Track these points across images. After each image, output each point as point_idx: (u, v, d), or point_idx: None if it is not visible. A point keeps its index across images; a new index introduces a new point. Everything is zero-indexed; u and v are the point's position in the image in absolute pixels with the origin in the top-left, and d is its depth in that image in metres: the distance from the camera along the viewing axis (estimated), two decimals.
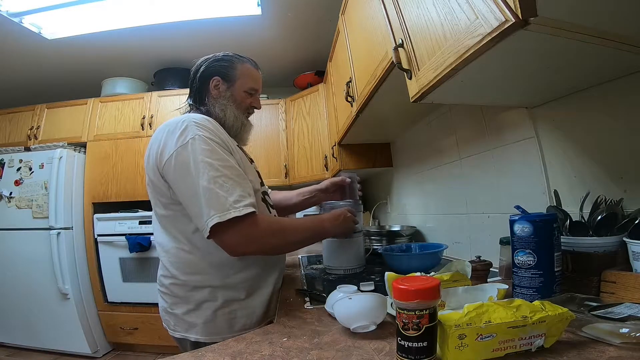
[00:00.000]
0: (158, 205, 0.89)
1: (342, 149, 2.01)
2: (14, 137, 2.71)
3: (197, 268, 0.86)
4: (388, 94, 1.15)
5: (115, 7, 1.98)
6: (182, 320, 0.85)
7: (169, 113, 2.63)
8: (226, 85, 0.97)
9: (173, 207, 0.86)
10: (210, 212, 0.73)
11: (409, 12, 0.77)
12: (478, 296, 0.61)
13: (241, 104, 0.99)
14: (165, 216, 0.88)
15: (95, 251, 2.52)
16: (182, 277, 0.86)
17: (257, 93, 1.03)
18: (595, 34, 0.51)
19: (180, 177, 0.79)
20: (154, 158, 0.84)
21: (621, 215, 0.66)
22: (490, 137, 1.08)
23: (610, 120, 0.72)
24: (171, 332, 0.88)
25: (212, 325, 0.84)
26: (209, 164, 0.77)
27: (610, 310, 0.52)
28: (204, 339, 0.82)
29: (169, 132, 0.82)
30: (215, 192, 0.74)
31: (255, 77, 1.02)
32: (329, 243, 1.14)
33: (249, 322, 0.87)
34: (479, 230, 1.18)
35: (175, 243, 0.87)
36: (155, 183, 0.86)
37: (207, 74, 0.96)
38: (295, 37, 2.43)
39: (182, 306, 0.86)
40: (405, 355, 0.43)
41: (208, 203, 0.74)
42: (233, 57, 0.99)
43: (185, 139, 0.78)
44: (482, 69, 0.63)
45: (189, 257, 0.86)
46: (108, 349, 2.53)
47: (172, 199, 0.84)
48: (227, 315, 0.85)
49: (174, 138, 0.80)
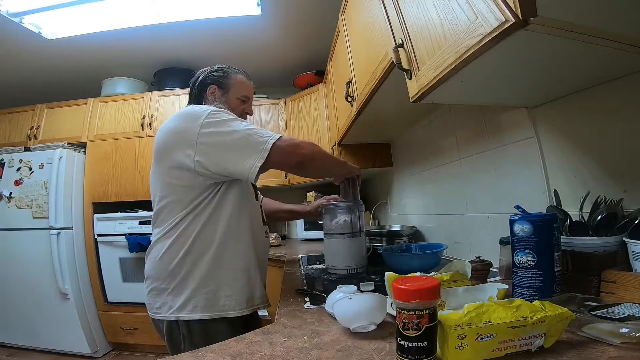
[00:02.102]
0: (157, 195, 0.96)
1: (342, 149, 2.01)
2: (14, 137, 2.71)
3: (177, 254, 0.91)
4: (388, 94, 1.15)
5: (115, 7, 1.98)
6: (163, 301, 0.92)
7: (169, 113, 2.63)
8: (221, 92, 1.08)
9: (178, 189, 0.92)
10: (263, 138, 0.87)
11: (409, 12, 0.77)
12: (478, 296, 0.61)
13: (235, 109, 1.08)
14: (163, 207, 0.95)
15: (95, 251, 2.52)
16: (166, 259, 0.92)
17: (249, 100, 1.14)
18: (595, 34, 0.51)
19: (220, 135, 0.88)
20: (179, 139, 0.90)
21: (621, 215, 0.66)
22: (490, 137, 1.08)
23: (610, 120, 0.72)
24: (152, 314, 0.94)
25: (190, 304, 0.89)
26: (236, 119, 0.92)
27: (610, 310, 0.52)
28: (184, 316, 0.89)
29: (189, 115, 0.92)
30: (256, 129, 0.89)
31: (247, 86, 1.13)
32: (331, 243, 1.15)
33: (229, 304, 0.91)
34: (479, 230, 1.18)
35: (162, 230, 0.94)
36: (176, 165, 0.91)
37: (204, 82, 1.08)
38: (295, 37, 2.43)
39: (163, 288, 0.92)
40: (405, 355, 0.43)
41: (259, 135, 0.87)
42: (227, 68, 1.12)
43: (207, 111, 0.90)
44: (482, 69, 0.63)
45: (171, 244, 0.92)
46: (108, 349, 2.53)
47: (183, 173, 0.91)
48: (207, 295, 0.90)
49: (196, 114, 0.90)
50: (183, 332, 0.90)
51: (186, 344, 0.89)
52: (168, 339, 0.93)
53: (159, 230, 0.96)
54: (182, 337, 0.90)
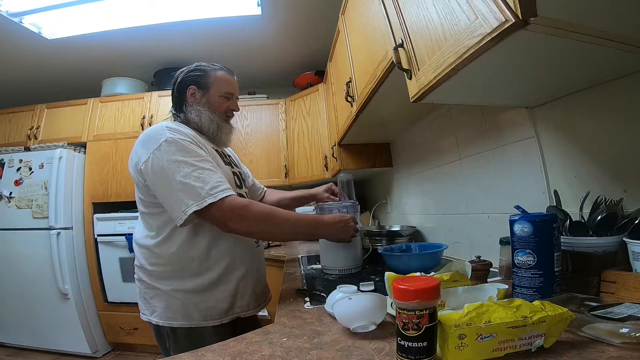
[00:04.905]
0: (139, 202, 0.97)
1: (342, 149, 2.01)
2: (14, 137, 2.71)
3: (161, 259, 0.92)
4: (388, 94, 1.15)
5: (115, 7, 1.98)
6: (148, 304, 0.94)
7: (169, 113, 2.62)
8: (201, 92, 1.04)
9: (150, 206, 0.93)
10: (189, 202, 0.81)
11: (409, 12, 0.77)
12: (478, 296, 0.61)
13: (218, 108, 1.05)
14: (144, 213, 0.96)
15: (95, 251, 2.52)
16: (148, 266, 0.93)
17: (233, 97, 1.08)
18: (595, 34, 0.51)
19: (158, 177, 0.86)
20: (134, 163, 0.92)
21: (621, 215, 0.66)
22: (490, 137, 1.08)
23: (610, 121, 0.72)
24: (141, 315, 0.97)
25: (170, 311, 0.91)
26: (183, 162, 0.85)
27: (610, 310, 0.52)
28: (162, 323, 0.91)
29: (145, 139, 0.91)
30: (191, 185, 0.82)
31: (230, 82, 1.08)
32: (324, 243, 1.14)
33: (209, 314, 0.91)
34: (479, 230, 1.18)
35: (145, 235, 0.95)
36: (137, 184, 0.94)
37: (183, 84, 1.05)
38: (295, 37, 2.43)
39: (148, 292, 0.94)
40: (405, 355, 0.43)
41: (186, 195, 0.81)
42: (206, 66, 1.06)
43: (159, 142, 0.87)
44: (482, 69, 0.63)
45: (155, 249, 0.93)
46: (108, 349, 2.53)
47: (150, 197, 0.91)
48: (185, 304, 0.90)
49: (150, 143, 0.88)
50: (167, 333, 0.91)
51: (171, 343, 0.91)
52: (156, 337, 0.96)
53: (144, 235, 0.95)
54: (167, 337, 0.92)
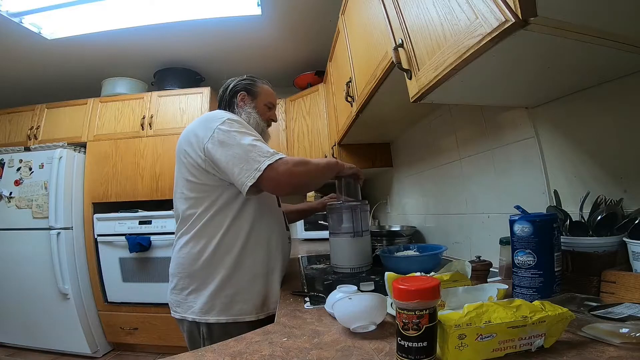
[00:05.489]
0: (185, 190, 0.99)
1: (342, 149, 2.01)
2: (14, 137, 2.71)
3: (199, 255, 0.95)
4: (388, 94, 1.15)
5: (115, 7, 1.98)
6: (185, 300, 0.95)
7: (169, 113, 2.63)
8: (250, 98, 1.16)
9: (198, 189, 0.97)
10: (261, 159, 0.88)
11: (409, 12, 0.77)
12: (478, 296, 0.61)
13: (262, 115, 1.17)
14: (189, 198, 0.98)
15: (95, 251, 2.51)
16: (188, 264, 0.95)
17: (274, 107, 1.22)
18: (595, 34, 0.51)
19: (225, 146, 0.91)
20: (194, 145, 0.96)
21: (621, 215, 0.66)
22: (490, 137, 1.08)
23: (610, 120, 0.72)
24: (172, 313, 0.98)
25: (207, 306, 0.92)
26: (247, 133, 0.94)
27: (610, 310, 0.52)
28: (199, 319, 0.92)
29: (205, 121, 0.98)
30: (260, 145, 0.92)
31: (273, 95, 1.23)
32: (336, 241, 1.16)
33: (246, 307, 0.94)
34: (479, 230, 1.18)
35: (185, 230, 0.98)
36: (191, 167, 0.96)
37: (235, 90, 1.16)
38: (295, 37, 2.43)
39: (184, 290, 0.96)
40: (405, 355, 0.43)
41: (259, 153, 0.89)
42: (255, 77, 1.21)
43: (222, 119, 0.95)
44: (482, 69, 0.63)
45: (193, 245, 0.95)
46: (108, 349, 2.53)
47: (204, 176, 0.95)
48: (222, 299, 0.93)
49: (212, 122, 0.95)
50: (203, 332, 0.92)
51: (206, 343, 0.90)
52: (188, 338, 0.96)
53: (181, 229, 0.99)
54: (202, 337, 0.92)
